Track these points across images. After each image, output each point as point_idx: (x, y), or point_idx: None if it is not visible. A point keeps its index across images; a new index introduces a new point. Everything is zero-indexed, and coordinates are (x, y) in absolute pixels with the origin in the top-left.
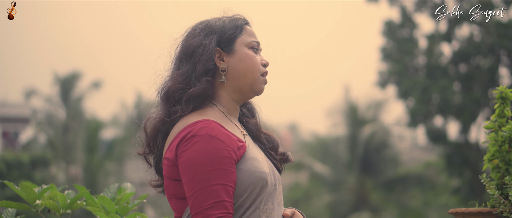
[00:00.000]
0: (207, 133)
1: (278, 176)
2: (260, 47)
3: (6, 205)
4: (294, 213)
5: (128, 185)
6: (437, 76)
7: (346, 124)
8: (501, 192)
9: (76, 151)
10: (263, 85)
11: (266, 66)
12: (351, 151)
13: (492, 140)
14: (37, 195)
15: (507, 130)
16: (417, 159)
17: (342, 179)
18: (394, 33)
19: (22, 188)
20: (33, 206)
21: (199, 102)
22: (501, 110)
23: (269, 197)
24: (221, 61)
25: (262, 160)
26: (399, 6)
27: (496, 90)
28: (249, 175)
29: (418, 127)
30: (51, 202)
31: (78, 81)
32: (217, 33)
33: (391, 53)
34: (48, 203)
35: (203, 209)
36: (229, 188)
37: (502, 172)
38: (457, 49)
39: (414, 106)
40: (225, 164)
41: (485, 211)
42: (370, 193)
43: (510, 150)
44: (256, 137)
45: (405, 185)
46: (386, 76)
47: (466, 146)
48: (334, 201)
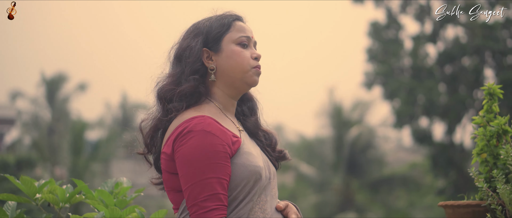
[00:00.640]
0: (203, 129)
1: (273, 171)
2: (253, 40)
3: (7, 198)
4: (288, 205)
5: (124, 180)
6: (422, 77)
7: (332, 125)
8: (489, 185)
9: (61, 153)
10: (255, 77)
11: (258, 59)
12: (336, 152)
13: (480, 135)
14: (37, 189)
15: (495, 125)
16: (403, 160)
17: (328, 180)
18: (379, 34)
19: (23, 182)
20: (33, 199)
21: (193, 99)
22: (489, 106)
23: (263, 190)
24: (210, 61)
25: (257, 155)
26: (385, 7)
27: (484, 86)
28: (243, 168)
29: (404, 128)
30: (51, 196)
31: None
32: (203, 34)
33: (377, 54)
34: (48, 197)
35: (198, 201)
36: (223, 181)
37: (490, 165)
38: (442, 50)
39: (400, 107)
40: (219, 158)
41: (474, 204)
42: (355, 194)
43: (498, 144)
44: (254, 134)
45: (390, 185)
46: (372, 77)
47: (451, 146)
48: (320, 202)
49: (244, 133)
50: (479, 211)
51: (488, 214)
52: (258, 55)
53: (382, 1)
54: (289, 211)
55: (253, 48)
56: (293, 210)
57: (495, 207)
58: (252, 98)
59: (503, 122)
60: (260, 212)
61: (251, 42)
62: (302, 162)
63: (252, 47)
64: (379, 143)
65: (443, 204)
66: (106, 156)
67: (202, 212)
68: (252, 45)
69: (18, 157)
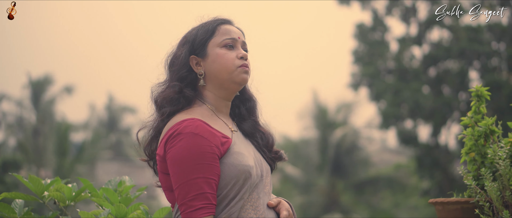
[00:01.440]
0: (191, 131)
1: (266, 169)
2: (240, 41)
3: (15, 196)
4: (280, 202)
5: (127, 178)
6: (408, 79)
7: (316, 126)
8: (478, 182)
9: (46, 154)
10: (243, 75)
11: (244, 58)
12: (321, 153)
13: (469, 135)
14: (44, 187)
15: (483, 125)
16: (388, 161)
17: (313, 181)
18: (365, 36)
19: (31, 180)
20: (41, 197)
21: (181, 103)
22: (477, 107)
23: (255, 188)
24: (198, 67)
25: (248, 154)
26: (371, 9)
27: (472, 88)
28: (232, 168)
29: (390, 129)
30: (58, 193)
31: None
32: (189, 42)
33: (363, 56)
34: (55, 195)
35: (187, 200)
36: (211, 181)
37: (478, 164)
38: (427, 53)
39: (386, 108)
40: (207, 159)
41: (463, 201)
42: (341, 195)
43: (485, 144)
44: (251, 135)
45: (375, 186)
46: (358, 78)
47: (436, 148)
48: (305, 203)
49: (237, 133)
50: (468, 208)
51: (476, 210)
52: (244, 54)
53: (369, 3)
54: (281, 207)
55: (240, 49)
56: (285, 206)
57: (483, 203)
58: (251, 97)
59: (490, 123)
60: (252, 209)
61: (238, 43)
62: (287, 164)
63: (239, 48)
64: (364, 144)
65: (433, 201)
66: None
67: (189, 211)
68: (239, 46)
69: (3, 159)
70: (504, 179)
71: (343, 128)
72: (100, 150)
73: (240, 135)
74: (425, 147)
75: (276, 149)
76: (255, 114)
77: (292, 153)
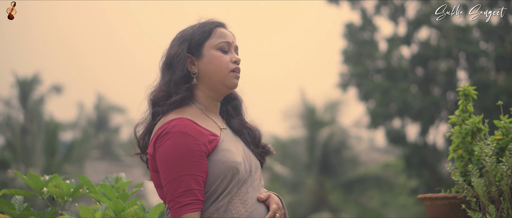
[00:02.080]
0: (179, 130)
1: (255, 164)
2: (233, 45)
3: (15, 193)
4: (270, 196)
5: (123, 175)
6: (397, 79)
7: (304, 126)
8: (465, 178)
9: (35, 153)
10: (234, 80)
11: (237, 63)
12: (310, 152)
13: (456, 132)
14: (43, 184)
15: (470, 123)
16: (376, 160)
17: (301, 180)
18: (354, 36)
19: (30, 177)
20: (40, 193)
21: (176, 104)
22: (464, 106)
23: (243, 183)
24: (192, 66)
25: (236, 151)
26: (360, 9)
27: (460, 88)
28: (220, 165)
29: (378, 128)
30: (56, 189)
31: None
32: (187, 41)
33: (352, 56)
34: (54, 191)
35: (175, 197)
36: (199, 177)
37: (465, 161)
38: (416, 52)
39: (374, 108)
40: (194, 156)
41: (450, 196)
42: (329, 194)
43: (472, 141)
44: (239, 132)
45: (364, 185)
46: (347, 78)
47: (424, 147)
48: (294, 202)
49: (227, 131)
50: (455, 203)
51: (463, 205)
52: (238, 59)
53: (358, 3)
54: (270, 201)
55: (233, 53)
56: (275, 200)
57: (470, 199)
58: (236, 97)
59: (477, 121)
60: (240, 203)
61: (232, 47)
62: (276, 163)
63: (232, 52)
64: (352, 143)
65: (422, 197)
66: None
67: (177, 207)
68: (232, 50)
69: None
70: (490, 175)
71: (331, 127)
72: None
73: (229, 133)
74: (413, 146)
75: (263, 143)
76: (241, 111)
77: (280, 152)
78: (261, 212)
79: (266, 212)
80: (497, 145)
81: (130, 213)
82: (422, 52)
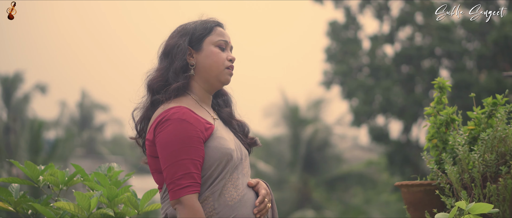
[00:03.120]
0: (178, 117)
1: (245, 152)
2: (230, 44)
3: (12, 181)
4: (258, 182)
5: (115, 165)
6: (380, 77)
7: (288, 124)
8: (439, 166)
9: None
10: (228, 76)
11: (232, 61)
12: (293, 150)
13: (431, 123)
14: (40, 172)
15: (444, 114)
16: (359, 158)
17: (285, 178)
18: (338, 34)
19: (27, 166)
20: (36, 182)
21: (173, 93)
22: (439, 98)
23: (235, 169)
24: (191, 58)
25: (229, 139)
26: (344, 7)
27: (435, 81)
28: (215, 151)
29: (361, 126)
30: (52, 178)
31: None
32: (189, 34)
33: (336, 54)
34: (49, 179)
35: (174, 179)
36: (196, 162)
37: (439, 150)
38: (399, 51)
39: (358, 106)
40: (193, 142)
41: (426, 183)
42: (313, 191)
43: (446, 131)
44: (228, 122)
45: (347, 183)
46: (331, 76)
47: (407, 145)
48: (277, 199)
49: (218, 121)
50: (430, 190)
51: (437, 191)
52: (233, 57)
53: (342, 1)
54: (259, 187)
55: (229, 52)
56: (263, 186)
57: (444, 185)
58: (226, 93)
59: (451, 112)
60: (233, 188)
61: (228, 46)
62: (259, 161)
63: (228, 51)
64: (336, 141)
65: (399, 184)
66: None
67: (177, 189)
68: (228, 49)
69: None
70: (463, 163)
71: (314, 124)
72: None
73: (220, 123)
74: (396, 144)
75: (251, 136)
76: (231, 105)
77: (264, 150)
78: (251, 197)
79: (255, 197)
80: (469, 135)
81: (123, 199)
82: (405, 50)
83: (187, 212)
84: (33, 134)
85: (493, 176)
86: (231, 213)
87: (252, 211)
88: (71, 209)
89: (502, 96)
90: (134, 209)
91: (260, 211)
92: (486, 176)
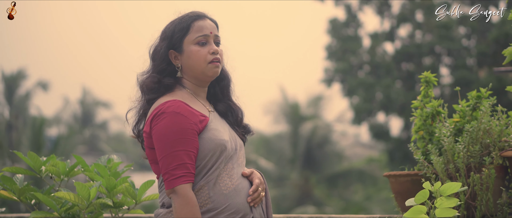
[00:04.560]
0: (173, 110)
1: (240, 143)
2: (212, 35)
3: (16, 171)
4: (253, 172)
5: (114, 157)
6: (380, 74)
7: (287, 121)
8: (426, 157)
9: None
10: (214, 69)
11: (215, 53)
12: (294, 147)
13: (418, 115)
14: (42, 163)
15: (430, 107)
16: (360, 154)
17: (285, 175)
18: (339, 32)
19: (30, 157)
20: (38, 172)
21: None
22: (425, 92)
23: (230, 159)
24: (176, 60)
25: (223, 130)
26: (344, 4)
27: (422, 75)
28: (210, 142)
29: (362, 124)
30: (53, 168)
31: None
32: (168, 38)
33: (336, 52)
34: (51, 169)
35: (169, 170)
36: (191, 153)
37: (426, 141)
38: (399, 48)
39: (359, 103)
40: (187, 134)
41: (413, 173)
42: (313, 188)
43: (433, 123)
44: (224, 114)
45: (347, 180)
46: (332, 73)
47: (407, 142)
48: (278, 196)
49: (214, 113)
50: (417, 180)
51: (423, 180)
52: (215, 50)
53: None
54: (253, 176)
55: (212, 44)
56: (257, 175)
57: (430, 175)
58: (226, 76)
59: (437, 105)
60: (227, 177)
61: (210, 38)
62: (260, 157)
63: (211, 43)
64: (337, 138)
65: (387, 174)
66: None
67: (172, 178)
68: (211, 41)
69: None
70: (448, 154)
71: (314, 121)
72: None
73: (216, 115)
74: (396, 141)
75: (245, 123)
76: (229, 91)
77: (264, 147)
78: (245, 186)
79: (249, 186)
80: (454, 127)
81: (121, 190)
82: (405, 48)
83: (181, 201)
84: (35, 131)
85: (477, 166)
86: (225, 201)
87: (246, 200)
88: (72, 199)
89: (486, 90)
90: (132, 198)
91: (254, 199)
92: (470, 166)
